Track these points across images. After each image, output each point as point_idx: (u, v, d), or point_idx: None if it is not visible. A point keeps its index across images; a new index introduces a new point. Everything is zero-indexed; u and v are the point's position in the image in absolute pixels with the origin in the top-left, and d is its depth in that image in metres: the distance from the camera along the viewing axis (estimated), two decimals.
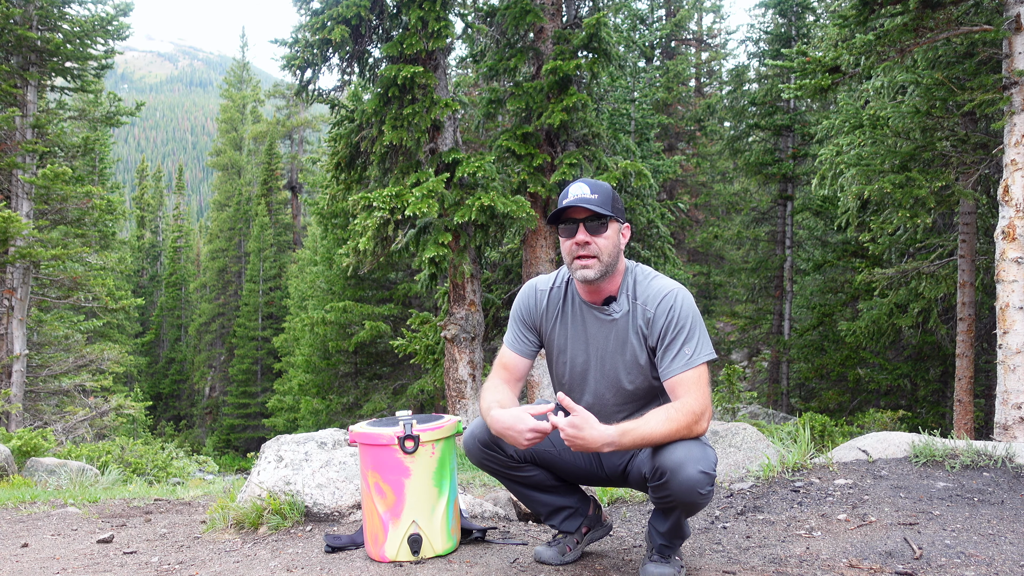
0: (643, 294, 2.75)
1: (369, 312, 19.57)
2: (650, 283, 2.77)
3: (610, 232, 2.72)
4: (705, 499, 2.65)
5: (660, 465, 2.62)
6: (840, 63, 8.15)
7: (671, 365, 2.63)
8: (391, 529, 2.94)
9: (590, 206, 2.67)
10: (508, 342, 2.98)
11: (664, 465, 2.61)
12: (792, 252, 19.92)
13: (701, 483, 2.60)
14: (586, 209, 2.68)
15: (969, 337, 10.40)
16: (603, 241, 2.69)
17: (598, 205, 2.68)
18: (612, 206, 2.72)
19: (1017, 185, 7.36)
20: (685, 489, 2.60)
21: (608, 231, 2.71)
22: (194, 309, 42.31)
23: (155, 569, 3.28)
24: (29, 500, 5.26)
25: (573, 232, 2.72)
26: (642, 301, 2.73)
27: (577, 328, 2.83)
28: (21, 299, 13.69)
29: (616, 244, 2.75)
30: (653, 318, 2.69)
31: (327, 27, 10.21)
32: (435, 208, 9.71)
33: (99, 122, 15.74)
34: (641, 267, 2.87)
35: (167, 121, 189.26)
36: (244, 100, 43.19)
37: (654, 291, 2.73)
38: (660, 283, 2.77)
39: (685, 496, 2.63)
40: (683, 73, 23.85)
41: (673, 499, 2.66)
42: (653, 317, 2.69)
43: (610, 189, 2.76)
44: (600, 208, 2.68)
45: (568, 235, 2.75)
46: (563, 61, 10.69)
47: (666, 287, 2.74)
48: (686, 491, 2.61)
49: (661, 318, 2.67)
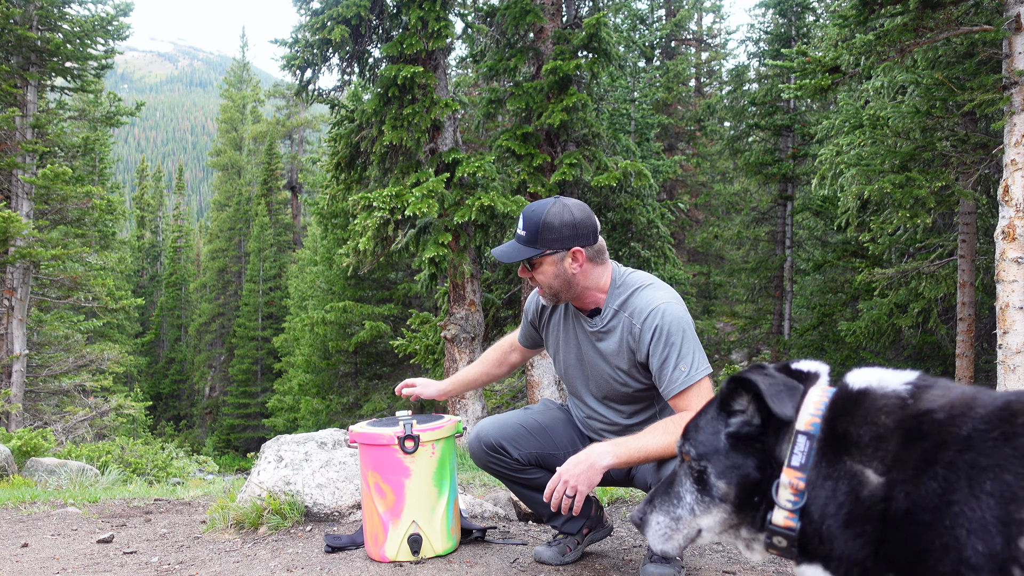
0: (631, 306, 2.69)
1: (369, 312, 19.57)
2: (639, 295, 2.69)
3: (544, 267, 2.66)
4: None
5: (663, 469, 2.62)
6: (840, 63, 8.15)
7: (670, 385, 2.57)
8: (391, 529, 2.94)
9: (507, 256, 2.68)
10: (519, 334, 3.15)
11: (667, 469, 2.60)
12: (792, 252, 19.92)
13: None
14: (505, 261, 2.72)
15: (969, 337, 10.40)
16: (541, 276, 2.68)
17: (525, 243, 2.66)
18: (539, 239, 2.63)
19: (1017, 185, 7.36)
20: None
21: (543, 266, 2.67)
22: (194, 309, 42.30)
23: (155, 569, 3.28)
24: (29, 500, 5.26)
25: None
26: (629, 314, 2.68)
27: (569, 333, 2.84)
28: (21, 299, 13.68)
29: (557, 274, 2.67)
30: (640, 334, 2.63)
31: (327, 27, 10.21)
32: (435, 208, 9.71)
33: (99, 122, 15.74)
34: (632, 276, 2.78)
35: (167, 121, 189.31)
36: (244, 100, 43.18)
37: (640, 305, 2.66)
38: (647, 296, 2.68)
39: None
40: (683, 73, 23.85)
41: None
42: (640, 333, 2.63)
43: (538, 220, 2.64)
44: (520, 253, 2.66)
45: None
46: (563, 61, 10.69)
47: (652, 302, 2.64)
48: None
49: (647, 335, 2.60)
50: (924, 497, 1.27)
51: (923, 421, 1.37)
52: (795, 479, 1.43)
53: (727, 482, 1.54)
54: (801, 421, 1.47)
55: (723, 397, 1.59)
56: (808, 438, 1.45)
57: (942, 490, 1.26)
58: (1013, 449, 1.22)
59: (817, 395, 1.51)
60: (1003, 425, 1.27)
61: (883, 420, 1.42)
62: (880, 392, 1.47)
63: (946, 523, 1.23)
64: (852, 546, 1.37)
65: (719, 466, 1.55)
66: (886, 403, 1.45)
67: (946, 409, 1.37)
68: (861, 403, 1.46)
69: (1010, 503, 1.17)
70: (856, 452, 1.41)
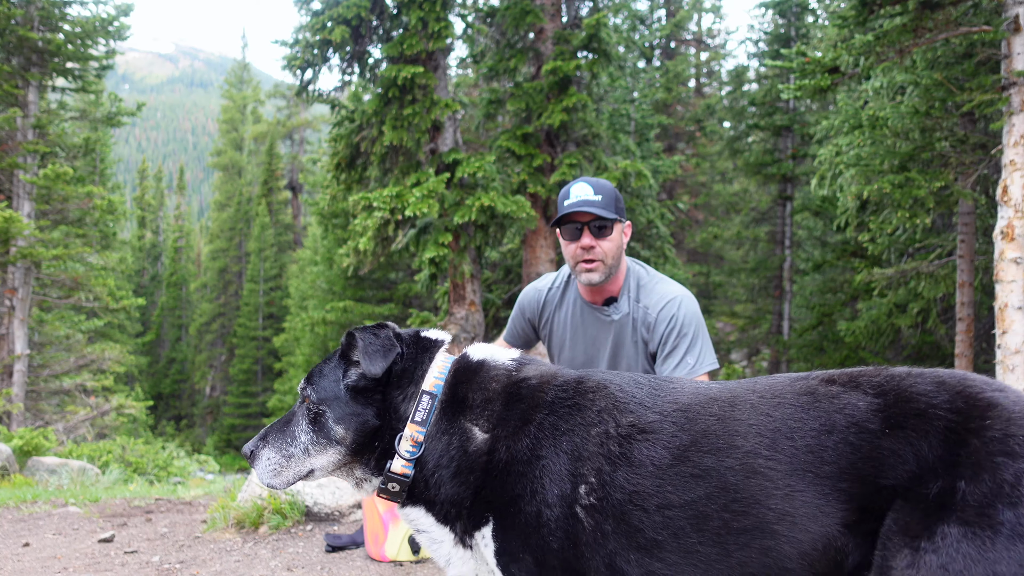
0: (646, 297, 2.69)
1: (369, 312, 19.57)
2: (654, 287, 2.71)
3: (614, 235, 2.65)
4: None
5: None
6: (839, 63, 8.15)
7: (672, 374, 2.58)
8: (391, 529, 2.96)
9: (594, 210, 2.59)
10: (504, 333, 3.06)
11: None
12: (791, 252, 19.93)
13: None
14: (590, 213, 2.61)
15: (968, 337, 10.41)
16: (607, 244, 2.63)
17: (602, 207, 2.60)
18: (615, 207, 2.65)
19: (1016, 185, 7.37)
20: None
21: (612, 234, 2.64)
22: (195, 309, 42.31)
23: (156, 568, 3.29)
24: (31, 499, 5.28)
25: (577, 235, 2.64)
26: (644, 304, 2.68)
27: (576, 327, 2.82)
28: (22, 299, 13.70)
29: (620, 246, 2.68)
30: (654, 324, 2.63)
31: (327, 28, 10.23)
32: (435, 208, 9.72)
33: (100, 122, 15.76)
34: (645, 268, 2.80)
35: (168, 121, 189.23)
36: (245, 100, 43.19)
37: (657, 296, 2.67)
38: (664, 288, 2.70)
39: None
40: (683, 73, 23.85)
41: None
42: (654, 323, 2.63)
43: (612, 188, 2.68)
44: (604, 212, 2.60)
45: (571, 238, 2.67)
46: (563, 61, 10.70)
47: (669, 293, 2.67)
48: None
49: (662, 324, 2.61)
50: (519, 451, 1.57)
51: (522, 387, 1.67)
52: (416, 432, 1.63)
53: (345, 427, 1.68)
54: (427, 383, 1.68)
55: (343, 348, 1.75)
56: (431, 398, 1.66)
57: (533, 445, 1.57)
58: (582, 418, 1.58)
59: (441, 361, 1.73)
60: (576, 397, 1.62)
61: (493, 387, 1.68)
62: (493, 364, 1.74)
63: (536, 473, 1.54)
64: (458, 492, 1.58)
65: (338, 412, 1.69)
66: (497, 372, 1.71)
67: (539, 379, 1.68)
68: (479, 372, 1.71)
69: (577, 460, 1.54)
70: (469, 413, 1.64)
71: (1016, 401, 1.43)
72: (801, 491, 1.40)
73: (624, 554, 1.46)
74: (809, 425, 1.46)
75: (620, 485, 1.49)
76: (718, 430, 1.51)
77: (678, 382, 1.68)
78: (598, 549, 1.48)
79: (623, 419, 1.56)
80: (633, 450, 1.52)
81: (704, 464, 1.47)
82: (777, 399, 1.53)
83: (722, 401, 1.57)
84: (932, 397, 1.43)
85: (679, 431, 1.53)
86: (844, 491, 1.38)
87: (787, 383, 1.59)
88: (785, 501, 1.40)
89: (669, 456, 1.50)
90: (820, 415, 1.47)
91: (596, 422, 1.57)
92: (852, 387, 1.51)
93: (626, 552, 1.46)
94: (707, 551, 1.43)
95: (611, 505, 1.48)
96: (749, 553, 1.42)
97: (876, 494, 1.36)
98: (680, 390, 1.63)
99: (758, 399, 1.55)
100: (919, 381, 1.48)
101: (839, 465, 1.39)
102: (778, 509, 1.40)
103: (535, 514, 1.51)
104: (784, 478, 1.42)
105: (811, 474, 1.41)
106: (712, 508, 1.43)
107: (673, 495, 1.46)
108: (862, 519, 1.37)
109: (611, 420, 1.56)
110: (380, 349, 1.68)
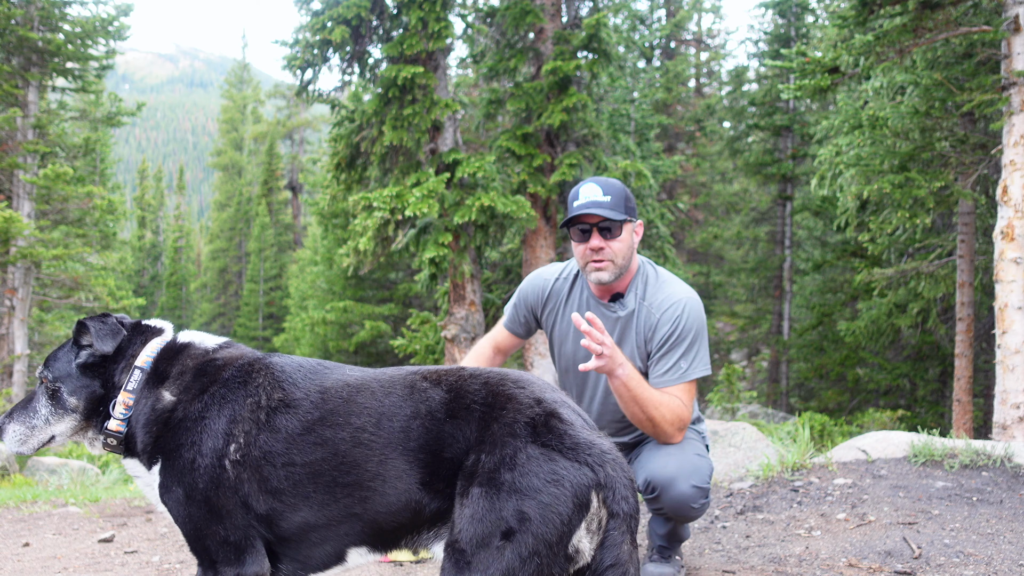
0: (652, 297, 2.68)
1: (369, 312, 19.59)
2: (661, 287, 2.70)
3: (624, 235, 2.64)
4: (699, 512, 2.64)
5: (652, 479, 2.60)
6: (839, 63, 8.16)
7: (664, 376, 2.59)
8: None
9: (602, 211, 2.58)
10: (504, 319, 3.01)
11: (656, 479, 2.58)
12: (791, 252, 19.94)
13: (694, 498, 2.57)
14: (598, 215, 2.60)
15: (968, 337, 10.41)
16: (617, 244, 2.62)
17: (610, 208, 2.60)
18: (625, 206, 2.64)
19: (1016, 185, 7.37)
20: (677, 504, 2.59)
21: (622, 234, 2.63)
22: (195, 309, 42.30)
23: (156, 568, 3.29)
24: (30, 499, 5.28)
25: (586, 237, 2.63)
26: (649, 303, 2.68)
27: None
28: (22, 299, 13.70)
29: (630, 246, 2.67)
30: (657, 324, 2.63)
31: (327, 28, 10.23)
32: (435, 208, 9.73)
33: (100, 122, 15.75)
34: (654, 268, 2.79)
35: (168, 121, 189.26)
36: (245, 100, 43.19)
37: (663, 297, 2.66)
38: (671, 289, 2.69)
39: (678, 511, 2.62)
40: (683, 73, 23.85)
41: (666, 512, 2.66)
42: (657, 323, 2.63)
43: (622, 188, 2.67)
44: (613, 213, 2.60)
45: (581, 239, 2.66)
46: (563, 61, 10.71)
47: (676, 294, 2.66)
48: (678, 506, 2.60)
49: (665, 326, 2.61)
50: (192, 412, 2.01)
51: (209, 365, 2.09)
52: (127, 398, 2.08)
53: (77, 398, 2.12)
54: (140, 360, 2.11)
55: (74, 335, 2.16)
56: (141, 371, 2.09)
57: (203, 409, 2.01)
58: (244, 391, 2.01)
59: (156, 342, 2.15)
60: (245, 375, 2.05)
61: (189, 363, 2.11)
62: (197, 345, 2.17)
63: (198, 429, 1.98)
64: (145, 440, 2.04)
65: (71, 386, 2.13)
66: (196, 353, 2.14)
67: (225, 360, 2.11)
68: (182, 351, 2.14)
69: (232, 423, 1.97)
70: (166, 382, 2.08)
71: (530, 394, 1.88)
72: (393, 459, 1.88)
73: (255, 496, 1.93)
74: (404, 411, 1.92)
75: (259, 446, 1.94)
76: (342, 409, 1.96)
77: (333, 369, 2.10)
78: (236, 491, 1.93)
79: (275, 394, 2.00)
80: (276, 419, 1.97)
81: (325, 435, 1.93)
82: (388, 388, 1.98)
83: (352, 387, 2.01)
84: (475, 394, 1.90)
85: (314, 408, 1.97)
86: (422, 460, 1.87)
87: (401, 376, 2.02)
88: (380, 466, 1.89)
89: (300, 427, 1.95)
90: (413, 404, 1.93)
91: (253, 395, 2.01)
92: (435, 384, 1.96)
93: (256, 495, 1.93)
94: (319, 497, 1.92)
95: (250, 460, 1.94)
96: (352, 500, 1.91)
97: (442, 464, 1.86)
98: (328, 375, 2.06)
99: (378, 387, 1.99)
100: (473, 381, 1.94)
101: (419, 442, 1.88)
102: (374, 471, 1.89)
103: (191, 460, 1.95)
104: (381, 448, 1.89)
105: (401, 447, 1.89)
106: (325, 468, 1.91)
107: (297, 456, 1.92)
108: (433, 480, 1.86)
109: (264, 394, 2.01)
110: (109, 332, 2.12)
